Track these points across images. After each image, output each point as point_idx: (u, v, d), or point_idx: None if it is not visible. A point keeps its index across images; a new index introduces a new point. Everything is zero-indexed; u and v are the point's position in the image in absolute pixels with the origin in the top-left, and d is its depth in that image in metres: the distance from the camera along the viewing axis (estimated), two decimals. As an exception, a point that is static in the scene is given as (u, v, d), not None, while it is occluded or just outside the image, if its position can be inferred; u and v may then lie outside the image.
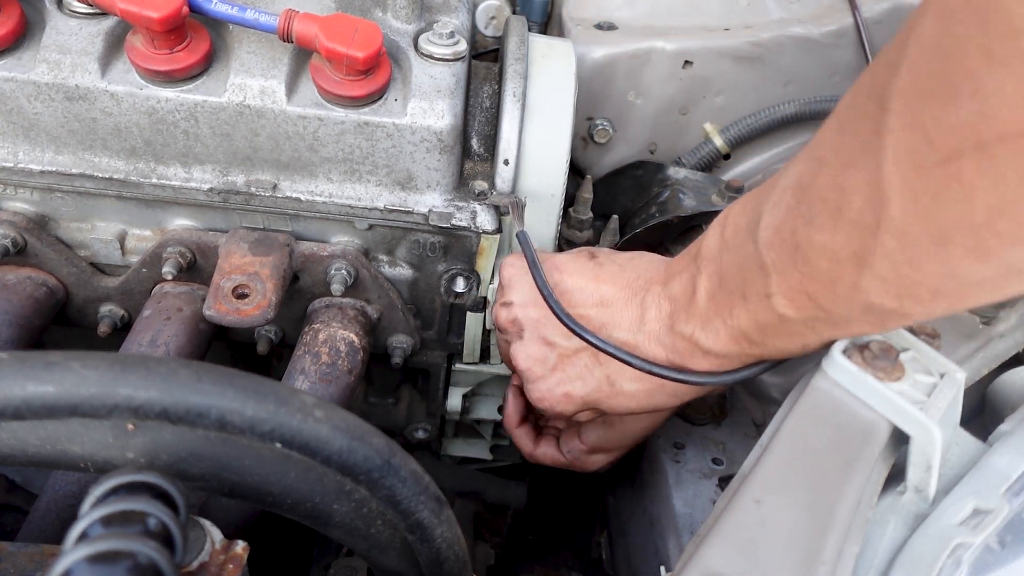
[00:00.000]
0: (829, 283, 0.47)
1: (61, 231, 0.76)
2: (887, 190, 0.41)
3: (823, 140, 0.48)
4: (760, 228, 0.51)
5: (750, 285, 0.53)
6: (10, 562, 0.45)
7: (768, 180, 0.55)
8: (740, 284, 0.54)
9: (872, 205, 0.43)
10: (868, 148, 0.42)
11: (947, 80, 0.37)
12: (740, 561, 0.48)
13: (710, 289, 0.58)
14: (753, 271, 0.52)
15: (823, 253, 0.47)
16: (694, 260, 0.60)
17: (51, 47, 0.67)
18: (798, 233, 0.48)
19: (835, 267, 0.46)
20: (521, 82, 0.75)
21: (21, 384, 0.39)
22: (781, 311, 0.51)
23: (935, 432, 0.47)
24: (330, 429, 0.43)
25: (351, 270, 0.76)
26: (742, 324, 0.55)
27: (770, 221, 0.51)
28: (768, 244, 0.51)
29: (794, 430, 0.51)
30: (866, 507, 0.48)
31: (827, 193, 0.46)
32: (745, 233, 0.53)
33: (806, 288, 0.49)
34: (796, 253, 0.48)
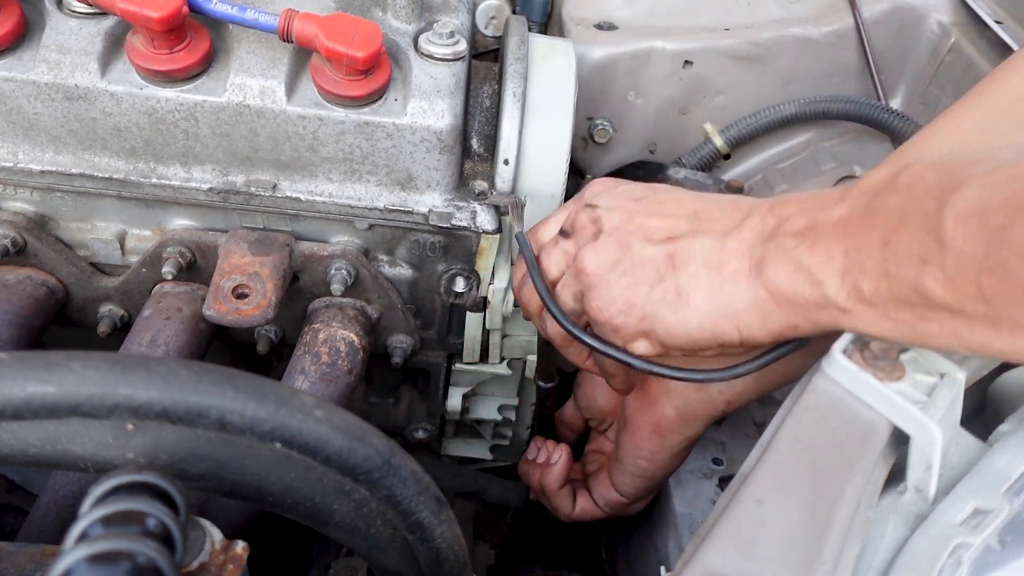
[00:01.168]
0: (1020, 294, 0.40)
1: (61, 231, 0.76)
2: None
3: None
4: (958, 197, 0.43)
5: (905, 236, 0.45)
6: (10, 562, 0.45)
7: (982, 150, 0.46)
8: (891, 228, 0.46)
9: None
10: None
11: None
12: (740, 561, 0.48)
13: (845, 215, 0.49)
14: (919, 228, 0.44)
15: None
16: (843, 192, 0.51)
17: (51, 47, 0.67)
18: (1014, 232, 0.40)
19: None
20: (521, 82, 0.75)
21: (21, 384, 0.39)
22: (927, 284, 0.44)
23: (935, 432, 0.47)
24: (330, 429, 0.43)
25: (351, 270, 0.76)
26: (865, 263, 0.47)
27: (978, 197, 0.42)
28: (962, 219, 0.42)
29: (794, 430, 0.51)
30: (866, 507, 0.48)
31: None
32: (929, 188, 0.45)
33: (981, 283, 0.41)
34: (998, 248, 0.41)
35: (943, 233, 0.43)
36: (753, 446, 0.55)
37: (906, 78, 1.10)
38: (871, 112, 1.01)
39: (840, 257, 0.49)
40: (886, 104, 1.03)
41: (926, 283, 0.44)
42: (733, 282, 0.55)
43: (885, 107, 1.01)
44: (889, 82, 1.09)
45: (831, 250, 0.49)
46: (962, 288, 0.42)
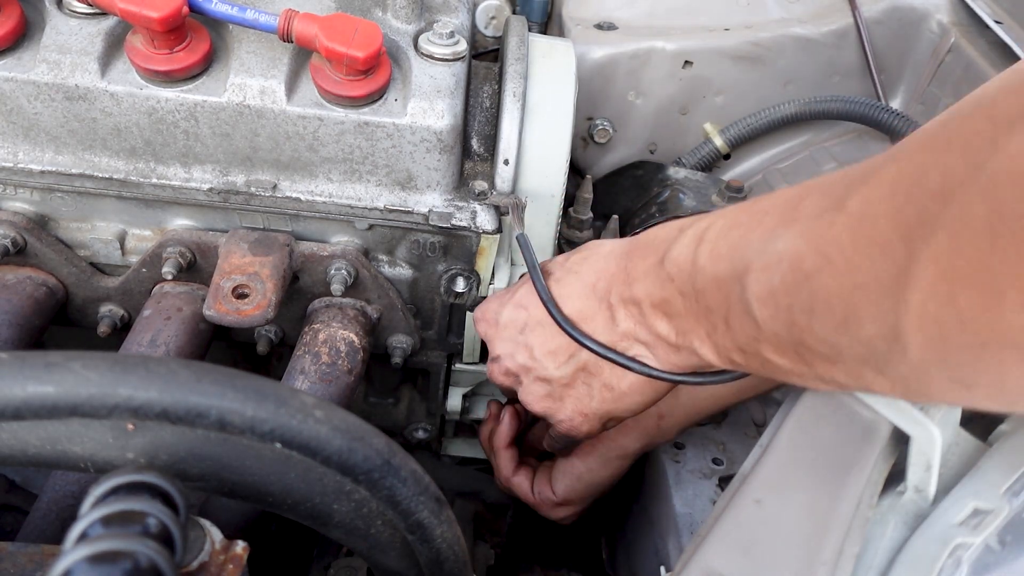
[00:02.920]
0: (828, 362, 0.45)
1: (61, 231, 0.76)
2: (905, 340, 0.38)
3: (831, 234, 0.42)
4: (750, 280, 0.48)
5: (735, 319, 0.51)
6: (10, 562, 0.45)
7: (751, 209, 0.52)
8: (724, 312, 0.52)
9: (886, 341, 0.39)
10: (887, 289, 0.38)
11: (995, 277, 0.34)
12: (740, 561, 0.48)
13: (687, 305, 0.56)
14: (740, 313, 0.50)
15: (823, 344, 0.44)
16: (660, 265, 0.58)
17: (51, 47, 0.67)
18: (795, 314, 0.45)
19: (837, 355, 0.43)
20: (521, 82, 0.75)
21: (21, 384, 0.39)
22: (768, 356, 0.49)
23: (935, 432, 0.47)
24: (330, 429, 0.43)
25: (351, 270, 0.76)
26: (724, 343, 0.53)
27: (763, 280, 0.47)
28: (761, 303, 0.48)
29: (794, 430, 0.51)
30: (866, 507, 0.48)
31: (833, 301, 0.42)
32: (728, 270, 0.51)
33: (801, 355, 0.46)
34: (792, 328, 0.46)
35: (755, 316, 0.48)
36: (753, 446, 0.55)
37: (906, 78, 1.10)
38: (871, 112, 1.01)
39: (705, 336, 0.55)
40: (886, 104, 1.03)
41: (765, 354, 0.49)
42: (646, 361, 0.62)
43: (885, 107, 1.01)
44: (889, 82, 1.09)
45: (698, 331, 0.56)
46: (789, 357, 0.48)
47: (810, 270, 0.44)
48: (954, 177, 0.36)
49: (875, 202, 0.40)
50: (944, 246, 0.36)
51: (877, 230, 0.39)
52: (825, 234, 0.43)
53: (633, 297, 0.60)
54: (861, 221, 0.41)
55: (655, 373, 0.61)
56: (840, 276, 0.41)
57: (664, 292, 0.57)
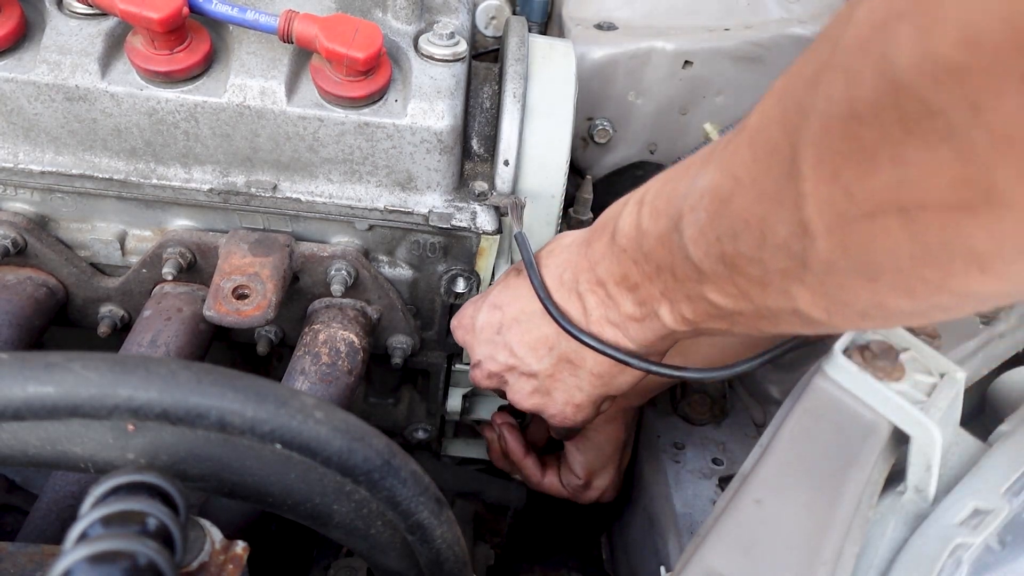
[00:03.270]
0: (760, 284, 0.47)
1: (61, 231, 0.76)
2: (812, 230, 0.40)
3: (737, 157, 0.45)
4: (684, 224, 0.51)
5: (679, 269, 0.53)
6: (10, 562, 0.45)
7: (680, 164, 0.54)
8: (669, 265, 0.54)
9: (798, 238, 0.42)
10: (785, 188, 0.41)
11: (863, 144, 0.36)
12: (740, 561, 0.48)
13: (641, 272, 0.57)
14: (681, 261, 0.52)
15: (751, 264, 0.46)
16: (613, 241, 0.59)
17: (51, 48, 0.67)
18: (724, 243, 0.47)
19: (764, 275, 0.46)
20: (521, 83, 0.75)
21: (22, 385, 0.39)
22: (712, 298, 0.51)
23: (935, 432, 0.47)
24: (330, 430, 0.43)
25: (351, 271, 0.76)
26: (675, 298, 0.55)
27: (693, 221, 0.50)
28: (694, 242, 0.50)
29: (794, 430, 0.51)
30: (866, 507, 0.48)
31: (748, 216, 0.45)
32: (667, 223, 0.53)
33: (737, 284, 0.49)
34: (724, 258, 0.48)
35: (692, 258, 0.51)
36: (753, 446, 0.55)
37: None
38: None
39: (660, 297, 0.57)
40: (886, 104, 1.03)
41: (710, 297, 0.52)
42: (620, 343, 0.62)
43: (885, 107, 1.01)
44: (889, 82, 1.09)
45: (654, 294, 0.57)
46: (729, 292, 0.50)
47: (726, 195, 0.46)
48: (820, 61, 0.38)
49: (766, 111, 0.43)
50: (816, 128, 0.38)
51: (769, 136, 0.42)
52: (733, 158, 0.46)
53: (598, 279, 0.61)
54: (757, 133, 0.44)
55: (637, 364, 0.61)
56: (748, 191, 0.44)
57: (622, 267, 0.58)
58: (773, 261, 0.44)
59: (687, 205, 0.50)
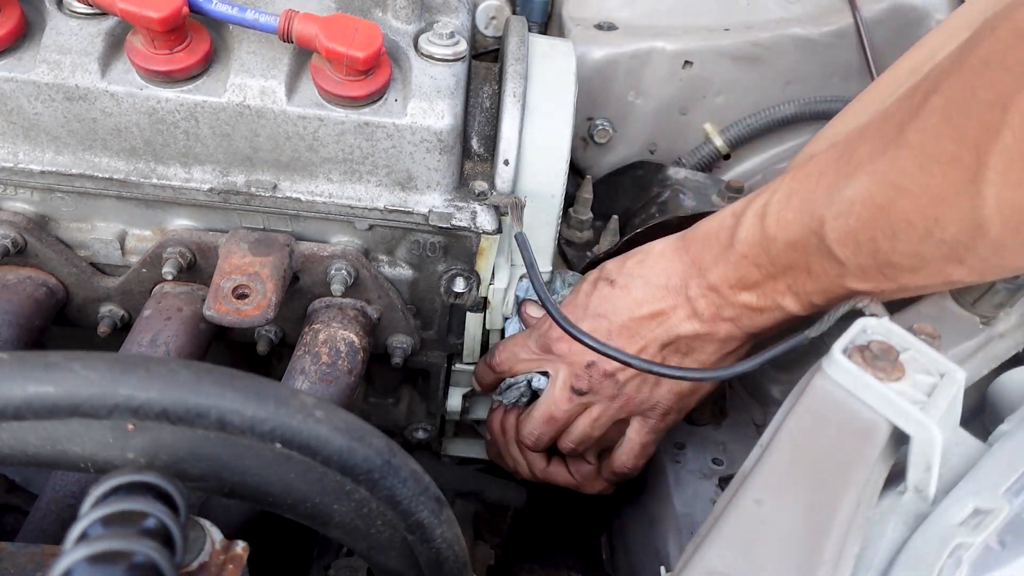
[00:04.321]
0: (912, 271, 0.53)
1: (61, 231, 0.76)
2: (987, 226, 0.46)
3: (899, 168, 0.51)
4: (827, 229, 0.56)
5: (817, 266, 0.59)
6: (10, 562, 0.45)
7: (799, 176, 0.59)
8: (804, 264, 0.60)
9: (969, 233, 0.48)
10: (964, 192, 0.47)
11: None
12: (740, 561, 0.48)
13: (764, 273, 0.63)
14: (821, 260, 0.58)
15: (908, 256, 0.52)
16: (730, 249, 0.65)
17: (51, 47, 0.67)
18: (879, 242, 0.53)
19: (922, 263, 0.52)
20: (521, 82, 0.75)
21: (21, 385, 0.39)
22: (852, 286, 0.58)
23: (935, 432, 0.47)
24: (330, 429, 0.43)
25: (351, 270, 0.76)
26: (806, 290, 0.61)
27: (839, 227, 0.55)
28: (842, 244, 0.56)
29: (794, 430, 0.51)
30: (866, 507, 0.48)
31: (914, 218, 0.50)
32: (801, 230, 0.59)
33: (885, 273, 0.55)
34: (877, 254, 0.54)
35: (838, 256, 0.57)
36: (753, 446, 0.55)
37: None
38: (871, 112, 1.00)
39: (786, 290, 0.63)
40: (886, 104, 1.03)
41: (849, 285, 0.58)
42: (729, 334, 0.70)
43: (885, 107, 1.01)
44: (889, 82, 1.09)
45: (779, 288, 0.64)
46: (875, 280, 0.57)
47: (884, 202, 0.52)
48: (1005, 87, 0.44)
49: (932, 128, 0.49)
50: (1009, 142, 0.44)
51: (942, 149, 0.48)
52: (891, 169, 0.51)
53: (710, 284, 0.67)
54: (923, 147, 0.49)
55: (636, 363, 0.65)
56: (916, 197, 0.50)
57: (739, 271, 0.65)
58: (935, 252, 0.51)
59: (831, 213, 0.56)
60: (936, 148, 0.48)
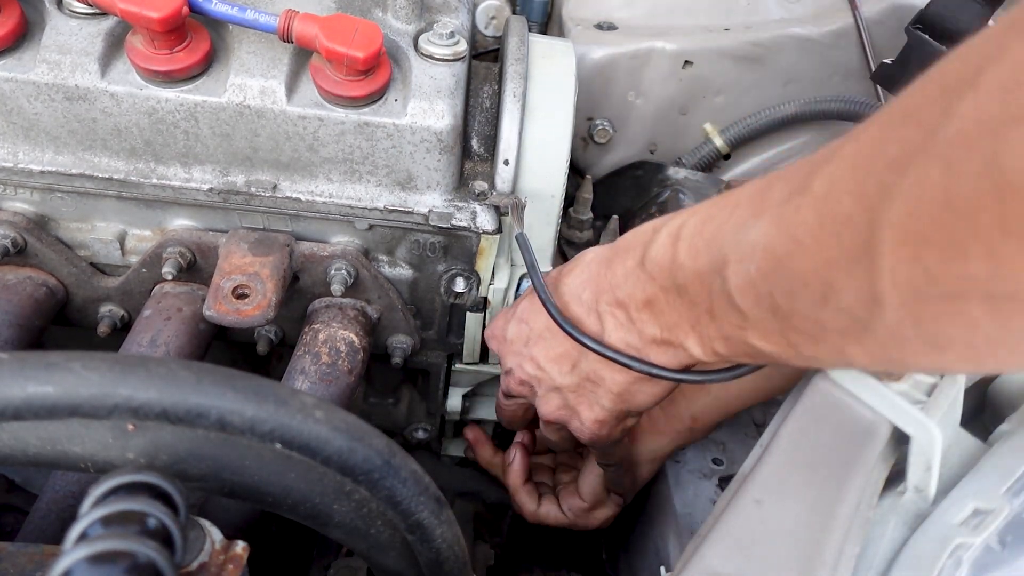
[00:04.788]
0: (812, 341, 0.47)
1: (61, 231, 0.76)
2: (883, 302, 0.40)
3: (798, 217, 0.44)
4: (729, 273, 0.50)
5: (720, 310, 0.52)
6: (10, 562, 0.45)
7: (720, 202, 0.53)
8: (707, 304, 0.53)
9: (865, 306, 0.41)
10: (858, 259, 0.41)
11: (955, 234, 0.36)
12: (740, 561, 0.48)
13: (669, 301, 0.57)
14: (723, 304, 0.51)
15: (807, 321, 0.46)
16: (640, 266, 0.59)
17: (51, 47, 0.67)
18: (777, 298, 0.47)
19: (821, 332, 0.45)
20: (521, 82, 0.75)
21: (21, 385, 0.39)
22: (754, 343, 0.51)
23: (935, 432, 0.47)
24: (330, 430, 0.43)
25: (351, 270, 0.76)
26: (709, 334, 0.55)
27: (741, 272, 0.49)
28: (741, 293, 0.49)
29: (794, 430, 0.51)
30: (866, 507, 0.48)
31: (810, 279, 0.44)
32: (707, 264, 0.52)
33: (786, 336, 0.48)
34: (776, 312, 0.47)
35: (738, 305, 0.50)
36: (753, 446, 0.55)
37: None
38: (871, 112, 1.00)
39: (689, 329, 0.56)
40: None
41: (751, 341, 0.51)
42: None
43: (885, 107, 1.01)
44: (889, 82, 1.09)
45: (682, 325, 0.57)
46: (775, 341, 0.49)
47: (782, 255, 0.46)
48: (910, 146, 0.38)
49: (837, 180, 0.42)
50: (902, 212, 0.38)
51: (841, 207, 0.41)
52: (793, 218, 0.45)
53: (619, 300, 0.61)
54: (825, 200, 0.43)
55: (655, 371, 0.61)
56: (812, 256, 0.44)
57: (647, 292, 0.58)
58: (833, 321, 0.44)
59: (735, 255, 0.49)
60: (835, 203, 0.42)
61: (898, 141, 0.39)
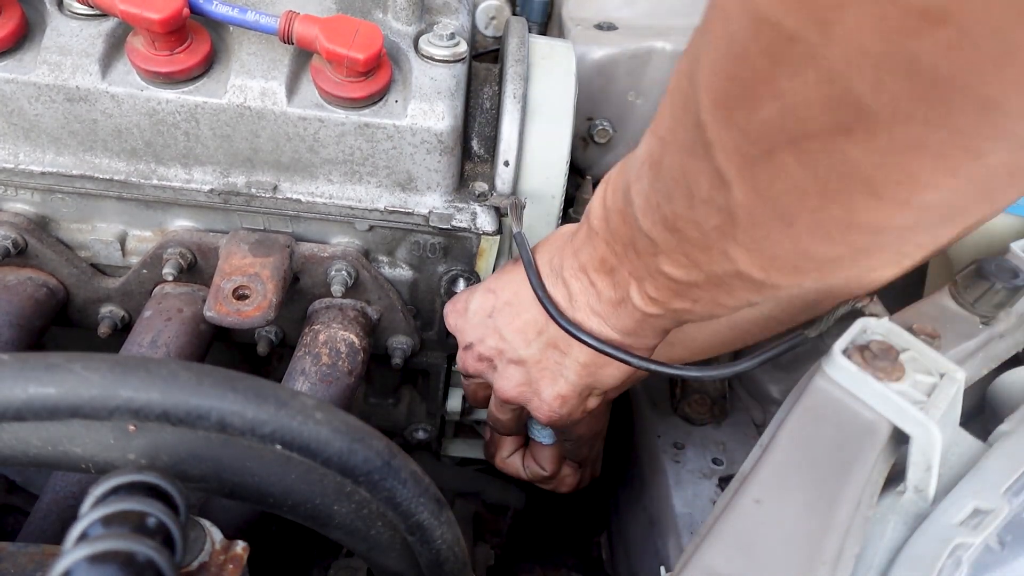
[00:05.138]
0: (703, 248, 0.48)
1: (62, 232, 0.76)
2: (726, 177, 0.41)
3: (662, 118, 0.46)
4: (632, 195, 0.52)
5: (639, 243, 0.53)
6: (10, 562, 0.45)
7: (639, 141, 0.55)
8: (631, 240, 0.54)
9: (718, 189, 0.42)
10: (696, 137, 0.42)
11: (743, 83, 0.37)
12: (740, 561, 0.48)
13: (612, 252, 0.57)
14: (638, 235, 0.53)
15: (689, 225, 0.47)
16: (588, 224, 0.60)
17: (52, 48, 0.67)
18: (663, 207, 0.48)
19: (703, 237, 0.46)
20: (521, 83, 0.75)
21: (23, 386, 0.39)
22: (668, 271, 0.52)
23: (935, 432, 0.47)
24: (330, 431, 0.44)
25: (351, 271, 0.76)
26: (640, 276, 0.55)
27: (638, 190, 0.51)
28: (642, 211, 0.51)
29: (794, 430, 0.51)
30: (866, 507, 0.48)
31: (676, 174, 0.45)
32: (622, 197, 0.54)
33: (684, 251, 0.49)
34: (666, 223, 0.49)
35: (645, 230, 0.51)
36: (753, 446, 0.55)
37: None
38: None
39: (629, 277, 0.56)
40: (886, 104, 1.03)
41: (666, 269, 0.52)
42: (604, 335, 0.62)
43: (885, 107, 1.01)
44: (889, 82, 1.09)
45: (624, 275, 0.57)
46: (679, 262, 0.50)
47: (657, 158, 0.47)
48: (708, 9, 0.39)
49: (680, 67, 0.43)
50: (707, 72, 0.39)
51: (679, 89, 0.42)
52: (659, 120, 0.47)
53: (581, 265, 0.61)
54: (672, 90, 0.44)
55: (634, 362, 0.61)
56: (672, 149, 0.45)
57: (598, 250, 0.59)
58: (706, 218, 0.45)
59: (633, 175, 0.51)
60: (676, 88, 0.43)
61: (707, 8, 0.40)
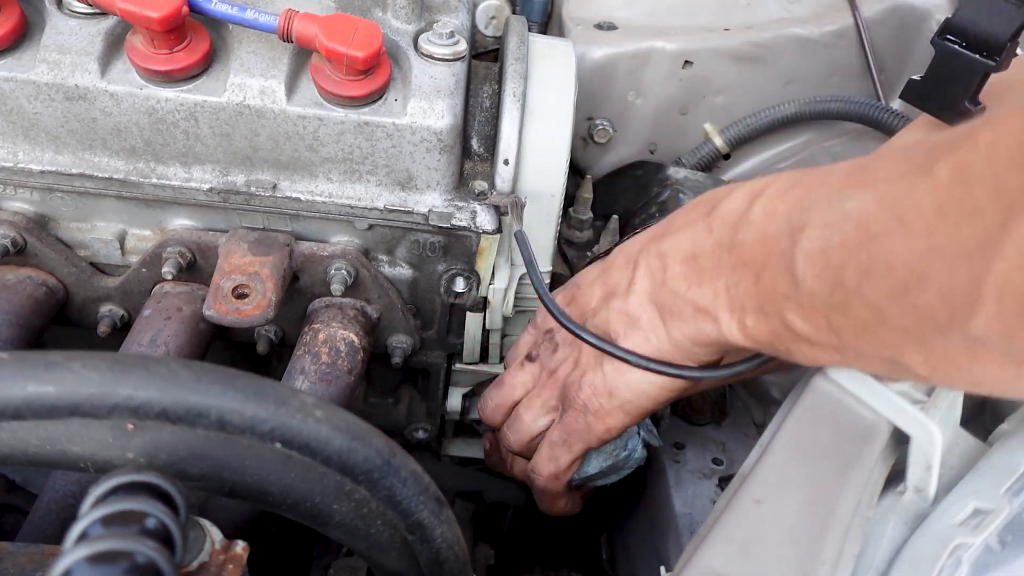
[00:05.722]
0: (861, 330, 0.44)
1: (61, 231, 0.76)
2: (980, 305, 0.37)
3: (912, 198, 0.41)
4: (804, 237, 0.47)
5: (769, 275, 0.50)
6: (10, 562, 0.45)
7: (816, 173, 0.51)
8: (758, 266, 0.51)
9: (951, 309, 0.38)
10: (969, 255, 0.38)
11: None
12: (740, 561, 0.48)
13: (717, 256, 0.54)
14: (777, 269, 0.49)
15: (869, 309, 0.43)
16: (705, 217, 0.56)
17: (51, 47, 0.67)
18: (848, 274, 0.44)
19: (877, 324, 0.43)
20: (521, 82, 0.75)
21: (21, 384, 0.39)
22: (789, 318, 0.49)
23: (935, 432, 0.47)
24: (330, 429, 0.43)
25: (351, 270, 0.76)
26: (744, 300, 0.52)
27: (819, 238, 0.46)
28: (810, 260, 0.47)
29: (794, 430, 0.51)
30: (866, 507, 0.48)
31: (897, 265, 0.41)
32: (782, 225, 0.49)
33: (830, 319, 0.46)
34: (838, 288, 0.45)
35: (796, 272, 0.48)
36: (753, 446, 0.55)
37: (906, 78, 1.10)
38: (871, 112, 1.01)
39: (724, 294, 0.54)
40: (886, 104, 1.03)
41: (787, 315, 0.49)
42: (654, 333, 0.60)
43: (885, 107, 1.01)
44: (889, 82, 1.09)
45: (716, 286, 0.54)
46: (816, 322, 0.47)
47: (878, 232, 0.43)
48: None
49: (969, 167, 0.39)
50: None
51: (969, 195, 0.38)
52: (904, 197, 0.42)
53: (660, 251, 0.59)
54: (951, 186, 0.40)
55: (634, 360, 0.60)
56: (914, 240, 0.41)
57: (695, 245, 0.56)
58: (900, 316, 0.41)
59: (819, 220, 0.47)
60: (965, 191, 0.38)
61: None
